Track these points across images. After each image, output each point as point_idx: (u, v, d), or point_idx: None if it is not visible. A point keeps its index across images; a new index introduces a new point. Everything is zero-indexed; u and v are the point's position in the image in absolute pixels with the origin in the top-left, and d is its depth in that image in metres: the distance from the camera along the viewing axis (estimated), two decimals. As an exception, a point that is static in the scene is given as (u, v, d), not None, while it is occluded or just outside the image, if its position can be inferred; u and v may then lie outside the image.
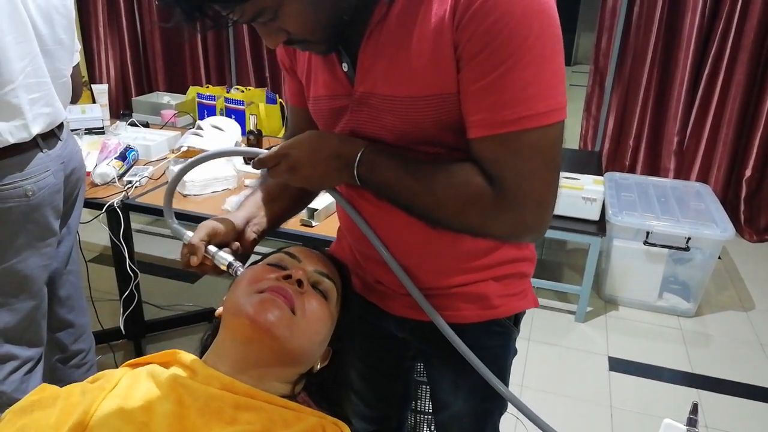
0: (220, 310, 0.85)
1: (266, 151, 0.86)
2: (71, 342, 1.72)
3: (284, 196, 1.01)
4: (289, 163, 0.83)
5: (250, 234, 0.94)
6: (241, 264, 0.88)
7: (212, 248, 0.88)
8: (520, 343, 2.38)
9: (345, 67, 0.84)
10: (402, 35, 0.77)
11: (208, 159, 0.95)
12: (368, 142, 0.82)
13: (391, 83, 0.79)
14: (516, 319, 1.01)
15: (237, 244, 0.90)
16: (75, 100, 1.64)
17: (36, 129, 1.35)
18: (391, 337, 1.09)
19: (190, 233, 0.89)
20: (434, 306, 0.92)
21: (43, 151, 1.40)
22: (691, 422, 0.78)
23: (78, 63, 1.59)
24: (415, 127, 0.80)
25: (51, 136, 1.43)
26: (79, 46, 1.58)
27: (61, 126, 1.49)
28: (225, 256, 0.87)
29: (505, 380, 1.06)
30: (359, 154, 0.81)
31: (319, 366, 0.87)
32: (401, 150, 0.82)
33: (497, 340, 1.01)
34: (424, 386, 1.64)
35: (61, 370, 1.72)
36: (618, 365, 2.34)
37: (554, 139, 0.74)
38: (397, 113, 0.80)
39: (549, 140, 0.74)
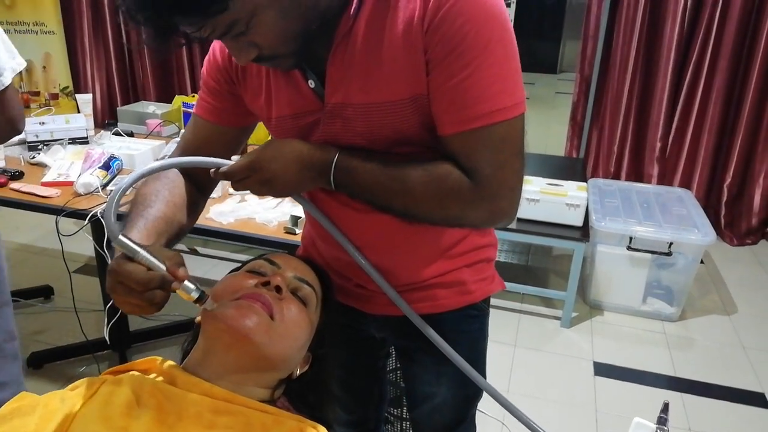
0: (199, 317, 0.86)
1: (228, 162, 0.85)
2: None
3: (172, 226, 0.89)
4: (262, 177, 0.83)
5: None
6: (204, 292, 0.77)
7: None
8: (505, 349, 2.43)
9: (311, 83, 0.86)
10: (371, 44, 0.79)
11: (162, 170, 0.88)
12: (340, 148, 0.84)
13: (367, 91, 0.81)
14: (487, 302, 1.09)
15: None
16: (9, 132, 1.34)
17: None
18: (368, 339, 1.12)
19: (144, 251, 0.72)
20: (415, 299, 0.97)
21: None
22: (661, 421, 0.79)
23: (6, 88, 1.29)
24: (393, 131, 0.82)
25: None
26: (9, 70, 1.30)
27: None
28: (192, 286, 0.74)
29: (483, 363, 1.13)
30: (334, 161, 0.83)
31: (299, 371, 0.88)
32: (374, 152, 0.84)
33: (475, 323, 1.07)
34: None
35: None
36: (603, 370, 2.36)
37: (520, 129, 0.80)
38: (375, 119, 0.82)
39: (515, 131, 0.80)
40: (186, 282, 0.73)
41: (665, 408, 0.82)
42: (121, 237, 0.72)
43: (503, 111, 0.77)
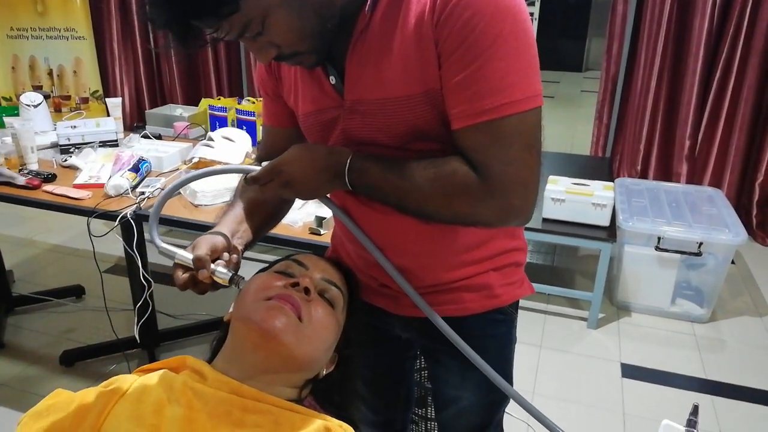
0: (228, 314, 0.87)
1: (257, 167, 0.89)
2: None
3: (262, 210, 1.01)
4: (282, 179, 0.86)
5: (237, 248, 0.91)
6: (242, 276, 0.87)
7: (211, 264, 0.86)
8: (531, 350, 2.42)
9: (332, 80, 0.87)
10: (385, 40, 0.80)
11: (195, 179, 0.96)
12: (355, 150, 0.85)
13: (382, 87, 0.82)
14: (515, 307, 1.07)
15: (235, 256, 0.88)
16: None
17: None
18: (394, 339, 1.12)
19: (182, 251, 0.86)
20: (440, 301, 0.96)
21: None
22: (691, 423, 0.78)
23: None
24: (410, 126, 0.83)
25: None
26: None
27: None
28: (224, 270, 0.85)
29: (510, 368, 1.11)
30: (348, 162, 0.84)
31: (325, 371, 0.89)
32: (388, 152, 0.85)
33: (501, 327, 1.06)
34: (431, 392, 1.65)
35: None
36: (631, 372, 2.33)
37: (533, 124, 0.78)
38: (391, 114, 0.83)
39: (528, 126, 0.77)
40: (216, 271, 0.84)
41: (695, 410, 0.80)
42: (162, 246, 0.88)
43: (514, 104, 0.75)
